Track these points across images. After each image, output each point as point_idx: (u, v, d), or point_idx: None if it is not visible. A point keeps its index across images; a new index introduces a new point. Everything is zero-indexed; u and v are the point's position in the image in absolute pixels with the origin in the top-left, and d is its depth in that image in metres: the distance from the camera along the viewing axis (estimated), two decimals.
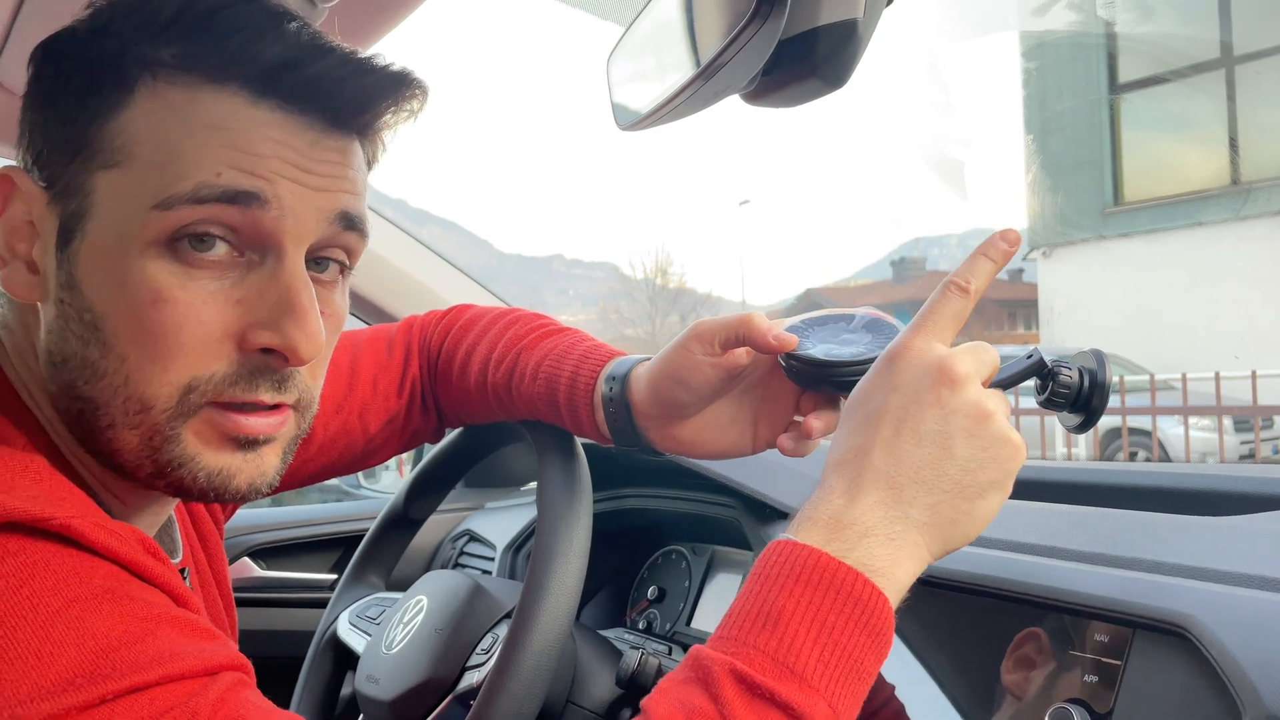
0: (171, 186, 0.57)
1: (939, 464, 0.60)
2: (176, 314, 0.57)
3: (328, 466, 0.99)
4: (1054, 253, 14.49)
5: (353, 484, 1.75)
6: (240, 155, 0.58)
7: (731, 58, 0.64)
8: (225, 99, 0.58)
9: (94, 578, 0.51)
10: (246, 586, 1.51)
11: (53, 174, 0.60)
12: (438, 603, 0.99)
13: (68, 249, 0.59)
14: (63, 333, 0.59)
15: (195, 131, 0.58)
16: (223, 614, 0.81)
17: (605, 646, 1.02)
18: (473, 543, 1.48)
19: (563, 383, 0.87)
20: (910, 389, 0.61)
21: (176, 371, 0.58)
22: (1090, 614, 0.67)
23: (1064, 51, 13.22)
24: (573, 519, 0.86)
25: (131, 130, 0.58)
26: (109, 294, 0.58)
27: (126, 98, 0.58)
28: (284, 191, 0.59)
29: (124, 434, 0.59)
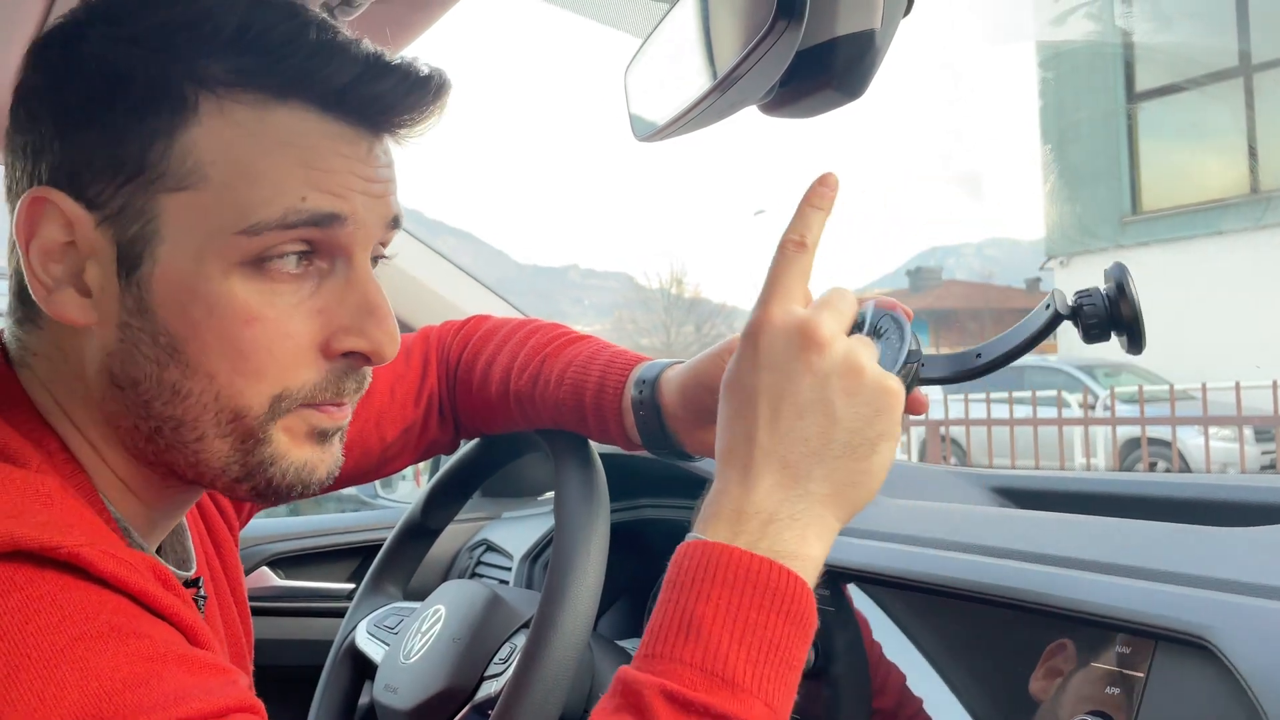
0: (256, 213, 0.58)
1: (825, 432, 0.59)
2: (268, 331, 0.59)
3: (344, 474, 0.98)
4: (1071, 262, 14.42)
5: (370, 493, 1.76)
6: (319, 175, 0.59)
7: (749, 69, 0.64)
8: (294, 115, 0.59)
9: (101, 613, 0.50)
10: (265, 596, 1.52)
11: (99, 194, 0.58)
12: (455, 612, 0.99)
13: (135, 274, 0.59)
14: (130, 356, 0.59)
15: (270, 150, 0.59)
16: (237, 622, 0.81)
17: (623, 657, 1.02)
18: (490, 552, 1.49)
19: (589, 389, 0.88)
20: (778, 363, 0.60)
21: (269, 384, 0.60)
22: (1111, 626, 0.67)
23: (1081, 61, 13.18)
24: (590, 528, 0.86)
25: (201, 151, 0.58)
26: (191, 317, 0.58)
27: (190, 117, 0.58)
28: (358, 206, 0.61)
29: (215, 444, 0.61)
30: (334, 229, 0.60)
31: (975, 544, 0.82)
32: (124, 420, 0.61)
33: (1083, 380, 10.19)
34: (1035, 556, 0.77)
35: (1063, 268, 14.73)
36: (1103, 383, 10.12)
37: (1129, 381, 9.78)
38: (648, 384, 0.84)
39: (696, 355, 0.83)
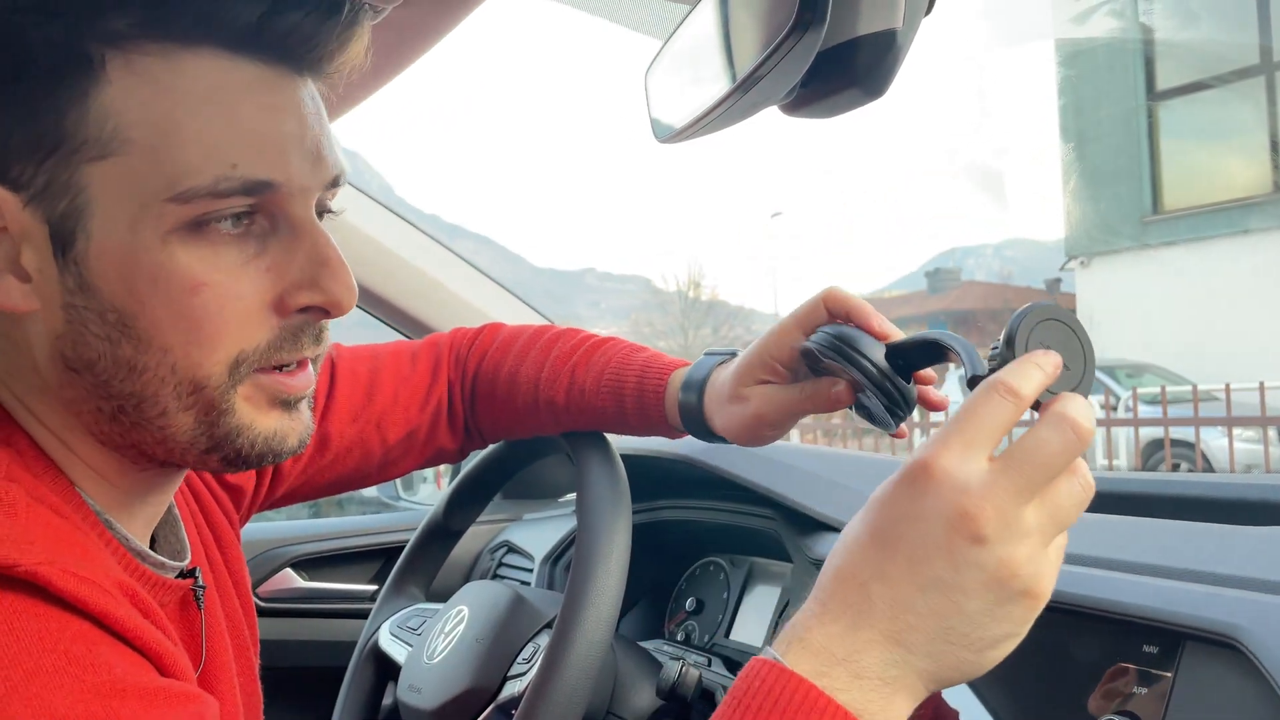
0: (186, 179, 0.55)
1: (944, 616, 0.51)
2: (217, 296, 0.57)
3: (345, 476, 0.99)
4: (1092, 262, 14.32)
5: (392, 495, 1.77)
6: (247, 136, 0.57)
7: (770, 69, 0.64)
8: (206, 62, 0.56)
9: (60, 641, 0.48)
10: (289, 597, 1.53)
11: (21, 174, 0.55)
12: (478, 613, 1.00)
13: (71, 251, 0.56)
14: (80, 337, 0.57)
15: (192, 108, 0.56)
16: (239, 614, 0.80)
17: (645, 657, 1.02)
18: (511, 554, 1.49)
19: (629, 395, 0.90)
20: (923, 525, 0.52)
21: (225, 349, 0.58)
22: (1138, 625, 0.66)
23: (1101, 59, 13.09)
24: (613, 529, 0.87)
25: (118, 114, 0.55)
26: (136, 290, 0.56)
27: (100, 76, 0.55)
28: (293, 170, 0.59)
29: (178, 418, 0.59)
30: (267, 195, 0.58)
31: None
32: (85, 405, 0.59)
33: (1104, 381, 10.11)
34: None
35: (1084, 268, 14.63)
36: (1124, 384, 10.04)
37: (1151, 382, 9.71)
38: (695, 389, 0.86)
39: (744, 352, 0.84)
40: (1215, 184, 12.35)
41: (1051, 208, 45.75)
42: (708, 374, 0.87)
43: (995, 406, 0.53)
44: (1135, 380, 10.24)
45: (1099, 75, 13.20)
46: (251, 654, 0.81)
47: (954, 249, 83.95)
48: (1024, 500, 0.51)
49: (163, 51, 0.56)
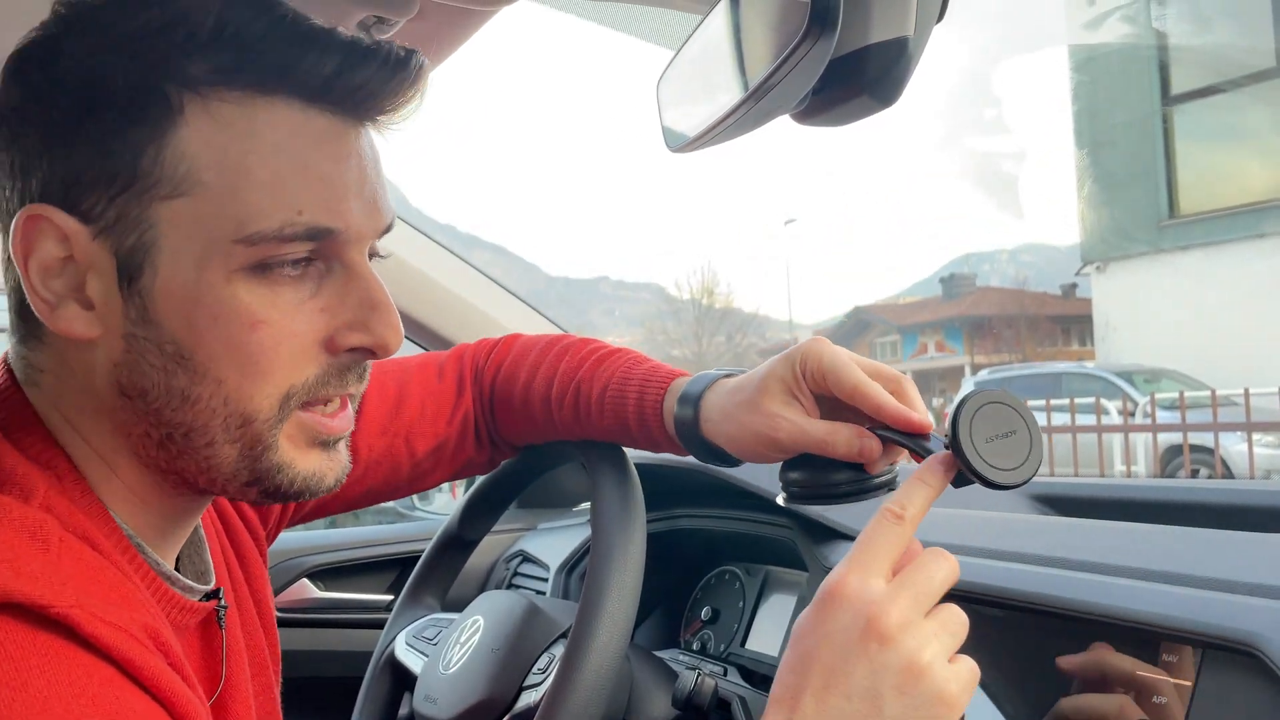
0: (254, 223, 0.58)
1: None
2: (274, 333, 0.60)
3: (374, 489, 0.99)
4: (1108, 267, 14.26)
5: (407, 506, 1.77)
6: (314, 185, 0.60)
7: (782, 78, 0.64)
8: (279, 111, 0.59)
9: (89, 685, 0.50)
10: (305, 608, 1.53)
11: (93, 207, 0.58)
12: (494, 623, 1.00)
13: (136, 284, 0.58)
14: (137, 365, 0.60)
15: (263, 155, 0.58)
16: (260, 633, 0.81)
17: (660, 667, 1.02)
18: (526, 563, 1.49)
19: (630, 412, 0.90)
20: (838, 640, 0.58)
21: (276, 384, 0.61)
22: (1157, 633, 0.66)
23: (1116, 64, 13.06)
24: (627, 538, 0.87)
25: (192, 156, 0.58)
26: (196, 325, 0.59)
27: (177, 119, 0.57)
28: (352, 218, 0.61)
29: (223, 449, 0.61)
30: (329, 240, 0.61)
31: (1017, 552, 0.81)
32: (135, 429, 0.61)
33: (1121, 386, 10.06)
34: (1078, 564, 0.76)
35: (1099, 273, 14.57)
36: (1142, 389, 9.98)
37: (1169, 388, 9.65)
38: (690, 403, 0.85)
39: (743, 376, 0.83)
40: (1231, 188, 12.28)
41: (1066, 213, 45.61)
42: (705, 387, 0.84)
43: (886, 530, 0.61)
44: (1153, 386, 10.18)
45: (1113, 80, 13.16)
46: (270, 672, 0.81)
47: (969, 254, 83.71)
48: (919, 610, 0.59)
49: (239, 99, 0.58)
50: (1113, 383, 10.34)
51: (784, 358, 0.80)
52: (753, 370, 0.83)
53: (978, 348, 34.09)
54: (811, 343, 0.79)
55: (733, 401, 0.81)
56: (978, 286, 42.62)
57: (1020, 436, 0.68)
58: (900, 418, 0.73)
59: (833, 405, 0.78)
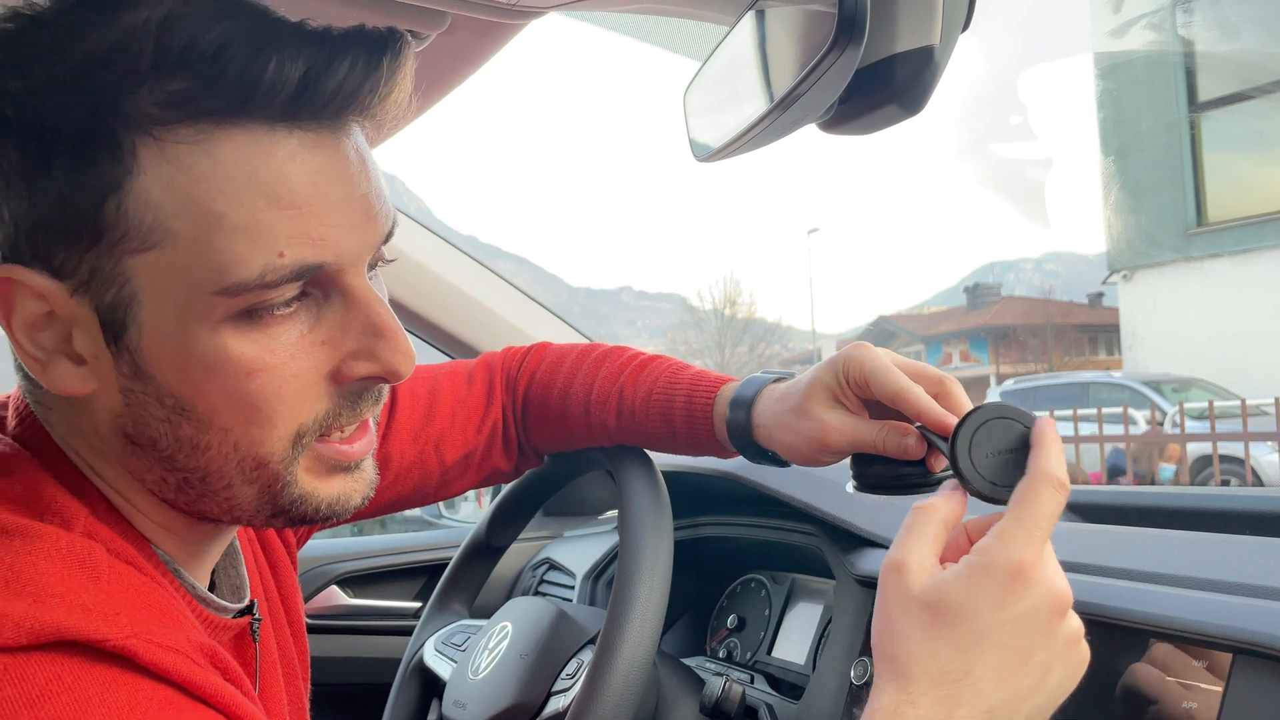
0: (231, 272, 0.53)
1: (1034, 693, 0.59)
2: (274, 379, 0.56)
3: (404, 496, 1.00)
4: (1135, 275, 14.12)
5: (434, 514, 1.79)
6: (292, 217, 0.54)
7: (809, 88, 0.64)
8: (244, 137, 0.53)
9: (149, 707, 0.49)
10: (334, 614, 1.55)
11: (65, 262, 0.54)
12: (522, 629, 1.01)
13: (122, 340, 0.55)
14: (141, 418, 0.57)
15: (232, 193, 0.53)
16: (290, 644, 0.81)
17: (687, 674, 1.02)
18: (553, 570, 1.50)
19: (678, 416, 0.91)
20: (1026, 622, 0.58)
21: (284, 426, 0.58)
22: (1189, 639, 0.66)
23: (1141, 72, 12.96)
24: (655, 545, 0.87)
25: (155, 204, 0.52)
26: (191, 378, 0.55)
27: (131, 166, 0.52)
28: (342, 245, 0.56)
29: (242, 490, 0.59)
30: (319, 274, 0.56)
31: None
32: (150, 474, 0.59)
33: (1149, 396, 9.95)
34: (1108, 571, 0.76)
35: (1126, 281, 14.43)
36: (1170, 398, 9.88)
37: (1198, 397, 9.54)
38: (743, 408, 0.87)
39: (790, 382, 0.85)
40: (1260, 195, 12.15)
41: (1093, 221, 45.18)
42: (757, 392, 0.87)
43: (1051, 499, 0.61)
44: (1182, 395, 10.07)
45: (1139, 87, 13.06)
46: (301, 682, 0.82)
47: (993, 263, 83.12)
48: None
49: (196, 135, 0.52)
50: (1141, 392, 10.24)
51: (828, 364, 0.82)
52: (799, 376, 0.86)
53: (1003, 357, 33.82)
54: (854, 349, 0.81)
55: (782, 409, 0.84)
56: (1003, 296, 42.32)
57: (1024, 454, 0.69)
58: (936, 421, 0.75)
59: (881, 404, 0.80)
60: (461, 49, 0.91)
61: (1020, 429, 0.67)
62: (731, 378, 0.92)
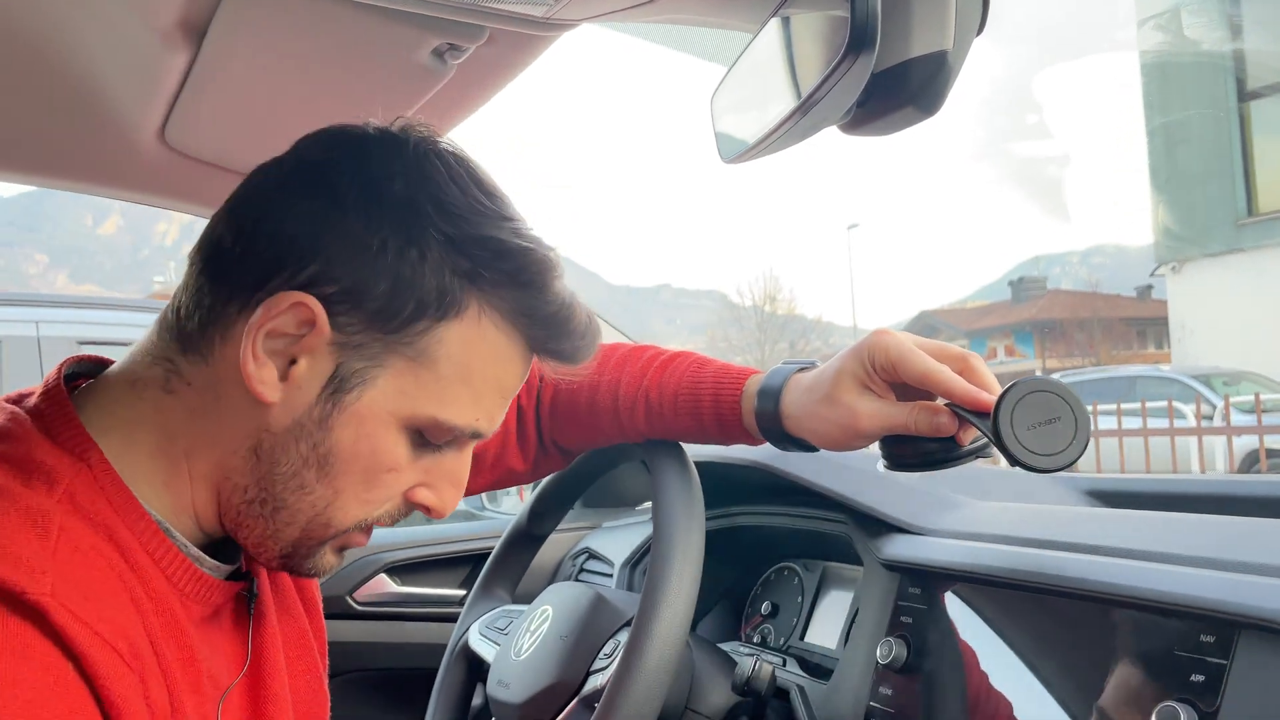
0: (448, 412, 0.69)
1: None
2: (396, 479, 0.70)
3: None
4: (1184, 267, 13.87)
5: (478, 506, 1.84)
6: (499, 404, 0.72)
7: (826, 93, 0.68)
8: (516, 347, 0.71)
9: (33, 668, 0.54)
10: (383, 601, 1.61)
11: (349, 324, 0.66)
12: (562, 612, 1.05)
13: (337, 395, 0.67)
14: (288, 445, 0.67)
15: (490, 369, 0.70)
16: (305, 623, 0.85)
17: (721, 656, 1.06)
18: (592, 559, 1.54)
19: (706, 412, 0.94)
20: None
21: (368, 510, 0.71)
22: (1195, 615, 0.68)
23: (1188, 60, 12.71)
24: (687, 531, 0.91)
25: (449, 345, 0.68)
26: (356, 448, 0.68)
27: (457, 316, 0.68)
28: (494, 427, 0.73)
29: (292, 530, 0.70)
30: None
31: (1062, 540, 0.84)
32: (239, 479, 0.69)
33: (1197, 389, 9.78)
34: (1120, 551, 0.78)
35: (1174, 274, 14.18)
36: (1220, 392, 9.70)
37: (1248, 390, 9.36)
38: (771, 398, 0.90)
39: (815, 372, 0.89)
40: None
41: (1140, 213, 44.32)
42: (784, 381, 0.90)
43: None
44: (1231, 389, 9.88)
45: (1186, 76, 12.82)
46: (316, 659, 0.86)
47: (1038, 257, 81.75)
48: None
49: (494, 322, 0.69)
50: (1189, 385, 10.07)
51: (853, 353, 0.85)
52: (824, 365, 0.89)
53: (1049, 351, 33.34)
54: (876, 335, 0.85)
55: (811, 399, 0.87)
56: (1048, 289, 41.72)
57: (1065, 423, 0.73)
58: (969, 399, 0.78)
59: (907, 386, 0.83)
60: (500, 59, 0.95)
61: (1058, 400, 0.71)
62: (754, 369, 0.96)
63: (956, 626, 0.89)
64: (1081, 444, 0.73)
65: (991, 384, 0.81)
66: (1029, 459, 0.71)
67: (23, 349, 3.19)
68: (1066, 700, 0.76)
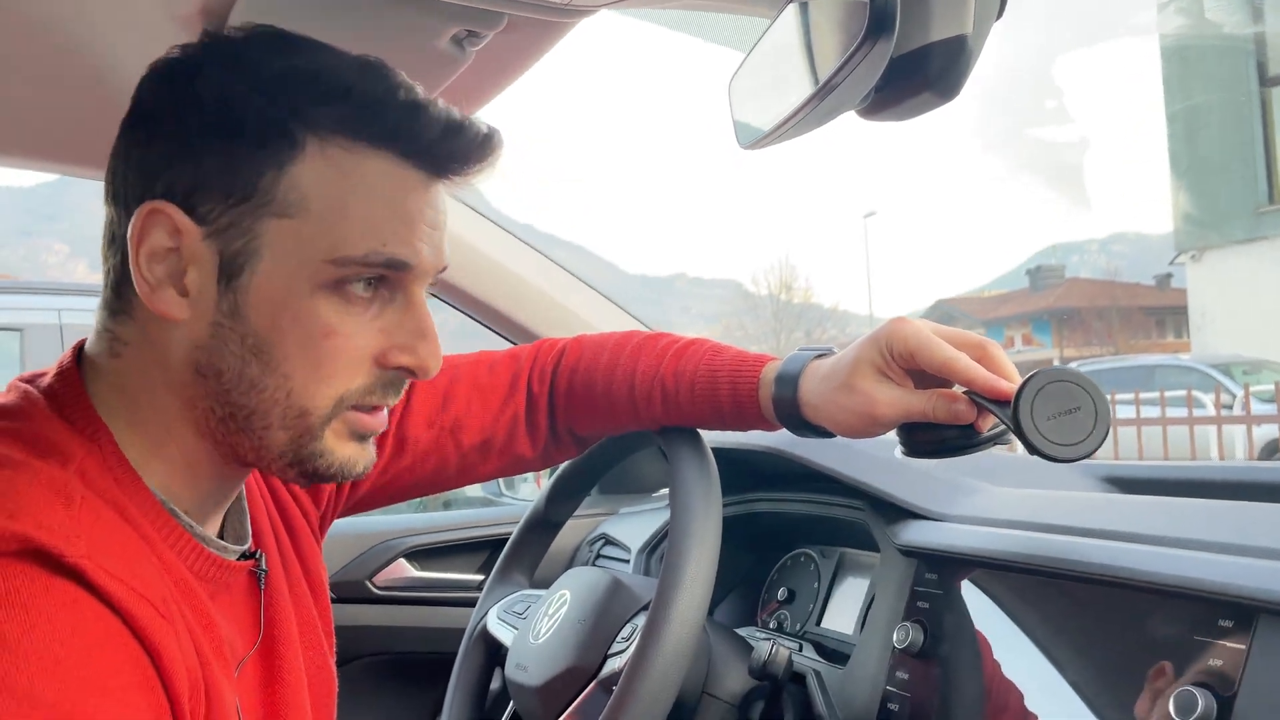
0: (344, 247, 0.68)
1: None
2: (341, 343, 0.69)
3: (424, 479, 1.03)
4: (1204, 255, 13.76)
5: (495, 492, 1.85)
6: (400, 225, 0.70)
7: (845, 78, 0.68)
8: (382, 162, 0.69)
9: (81, 621, 0.57)
10: (402, 586, 1.62)
11: (209, 212, 0.67)
12: (580, 596, 1.06)
13: (234, 282, 0.67)
14: (218, 350, 0.68)
15: (362, 194, 0.68)
16: (311, 605, 0.87)
17: (738, 641, 1.07)
18: (609, 545, 1.55)
19: (724, 398, 0.95)
20: None
21: (335, 386, 0.70)
22: (1214, 600, 0.68)
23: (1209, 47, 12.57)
24: (705, 514, 0.91)
25: (304, 186, 0.67)
26: (279, 325, 0.68)
27: (298, 154, 0.67)
28: (423, 256, 0.71)
29: (278, 434, 0.70)
30: (401, 271, 0.71)
31: (1078, 526, 0.84)
32: (201, 404, 0.70)
33: (1216, 378, 9.71)
34: (1138, 536, 0.78)
35: (1195, 262, 14.07)
36: (1239, 380, 9.62)
37: (1269, 379, 9.28)
38: (789, 385, 0.91)
39: (833, 359, 0.89)
40: None
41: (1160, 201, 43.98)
42: (801, 368, 0.90)
43: None
44: (1252, 377, 9.80)
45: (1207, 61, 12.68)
46: (321, 636, 0.88)
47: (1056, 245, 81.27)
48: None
49: (351, 146, 0.68)
50: (1208, 374, 9.99)
51: (870, 341, 0.86)
52: (841, 353, 0.89)
53: (1067, 341, 33.15)
54: (894, 324, 0.85)
55: (828, 387, 0.87)
56: (1066, 278, 41.45)
57: (1085, 413, 0.73)
58: (989, 387, 0.79)
59: (925, 373, 0.84)
60: (518, 46, 0.95)
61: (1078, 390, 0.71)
62: (771, 356, 0.96)
63: (973, 612, 0.89)
64: (1101, 434, 0.74)
65: (1010, 372, 0.81)
66: (1049, 449, 0.71)
67: (45, 336, 3.23)
68: (1083, 685, 0.76)
